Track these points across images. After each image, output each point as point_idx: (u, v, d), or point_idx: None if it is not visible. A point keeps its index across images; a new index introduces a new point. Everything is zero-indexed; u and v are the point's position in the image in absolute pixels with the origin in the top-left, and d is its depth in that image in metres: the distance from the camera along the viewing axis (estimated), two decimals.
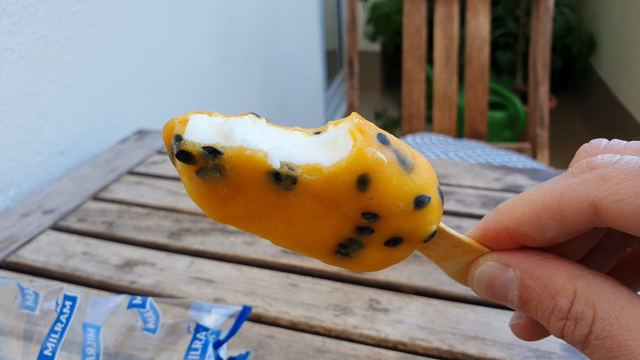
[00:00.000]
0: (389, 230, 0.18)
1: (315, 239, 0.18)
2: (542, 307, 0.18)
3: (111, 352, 0.34)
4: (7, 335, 0.33)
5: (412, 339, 0.36)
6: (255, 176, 0.17)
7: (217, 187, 0.17)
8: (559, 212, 0.18)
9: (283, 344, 0.36)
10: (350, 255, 0.19)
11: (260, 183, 0.17)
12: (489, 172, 0.59)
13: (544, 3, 1.05)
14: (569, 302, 0.17)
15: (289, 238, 0.18)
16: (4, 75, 0.56)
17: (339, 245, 0.19)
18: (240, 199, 0.17)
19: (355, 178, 0.17)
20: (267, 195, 0.17)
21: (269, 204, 0.18)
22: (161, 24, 0.84)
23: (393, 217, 0.18)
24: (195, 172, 0.17)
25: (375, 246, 0.19)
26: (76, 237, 0.49)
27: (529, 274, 0.18)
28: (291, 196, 0.17)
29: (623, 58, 2.17)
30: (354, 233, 0.18)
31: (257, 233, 0.19)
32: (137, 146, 0.69)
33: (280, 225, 0.18)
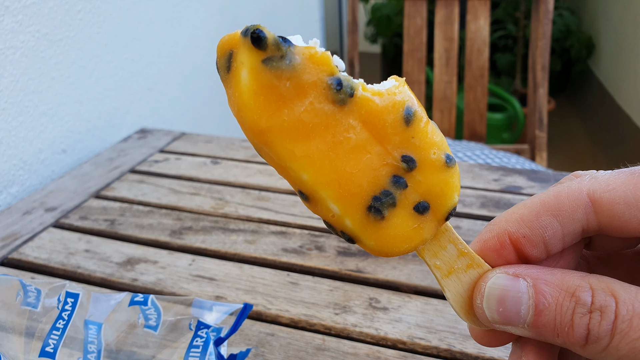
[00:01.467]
0: (420, 189, 0.19)
1: (354, 178, 0.18)
2: (563, 309, 0.17)
3: (112, 349, 0.34)
4: (9, 332, 0.34)
5: (411, 338, 0.36)
6: (320, 76, 0.17)
7: (281, 79, 0.17)
8: (557, 207, 0.18)
9: (283, 342, 0.36)
10: (382, 213, 0.18)
11: (321, 87, 0.17)
12: (488, 173, 0.59)
13: (543, 6, 1.06)
14: (590, 295, 0.17)
15: (329, 171, 0.18)
16: (7, 73, 0.56)
17: (374, 198, 0.18)
18: (298, 103, 0.17)
19: (403, 109, 0.18)
20: (323, 105, 0.17)
21: (322, 117, 0.17)
22: (164, 24, 0.85)
23: (427, 168, 0.19)
24: (261, 61, 0.16)
25: (405, 209, 0.19)
26: (78, 235, 0.49)
27: (542, 279, 0.18)
28: (345, 113, 0.17)
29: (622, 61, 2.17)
30: (390, 183, 0.18)
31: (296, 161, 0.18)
32: (139, 145, 0.69)
33: (324, 151, 0.18)
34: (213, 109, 1.06)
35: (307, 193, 0.18)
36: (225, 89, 0.18)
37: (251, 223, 0.51)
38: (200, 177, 0.60)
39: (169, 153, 0.67)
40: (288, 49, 0.17)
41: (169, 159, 0.65)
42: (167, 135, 0.72)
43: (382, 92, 0.18)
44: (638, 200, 0.18)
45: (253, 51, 0.16)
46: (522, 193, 0.54)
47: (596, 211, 0.18)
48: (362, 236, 0.19)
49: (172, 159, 0.65)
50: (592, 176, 0.19)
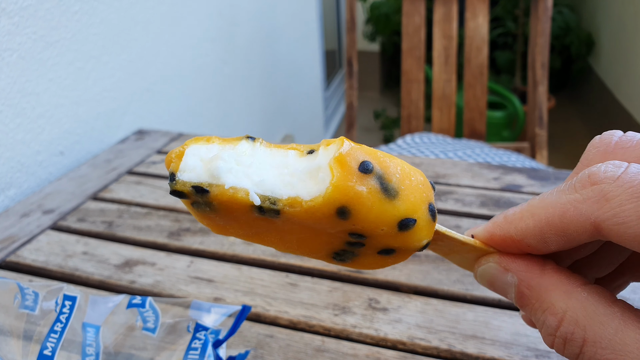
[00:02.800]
0: (379, 244, 0.19)
1: (310, 250, 0.20)
2: (535, 316, 0.18)
3: (111, 352, 0.34)
4: (6, 335, 0.33)
5: (411, 338, 0.36)
6: (241, 209, 0.18)
7: (211, 217, 0.19)
8: (561, 229, 0.18)
9: (282, 344, 0.36)
10: (346, 260, 0.20)
11: (247, 213, 0.19)
12: (488, 171, 0.59)
13: (542, 3, 1.05)
14: (557, 321, 0.17)
15: (287, 249, 0.21)
16: (4, 75, 0.56)
17: (334, 253, 0.20)
18: (234, 224, 0.19)
19: (334, 210, 0.18)
20: (257, 221, 0.19)
21: (261, 226, 0.19)
22: (161, 24, 0.84)
23: (379, 237, 0.19)
24: (191, 204, 0.19)
25: (369, 255, 0.20)
26: (76, 237, 0.49)
27: (526, 283, 0.19)
28: (279, 222, 0.19)
29: (622, 58, 2.17)
30: (345, 246, 0.19)
31: (258, 242, 0.21)
32: (136, 146, 0.69)
33: (276, 240, 0.20)
34: (210, 110, 1.06)
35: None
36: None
37: None
38: None
39: (167, 154, 0.66)
40: (204, 198, 0.19)
41: None
42: (164, 136, 0.72)
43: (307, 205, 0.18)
44: None
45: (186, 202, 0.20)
46: (522, 192, 0.54)
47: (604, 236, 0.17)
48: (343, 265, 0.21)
49: None
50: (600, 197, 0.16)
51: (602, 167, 0.17)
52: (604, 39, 2.44)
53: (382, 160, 0.18)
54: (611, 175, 0.16)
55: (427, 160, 0.63)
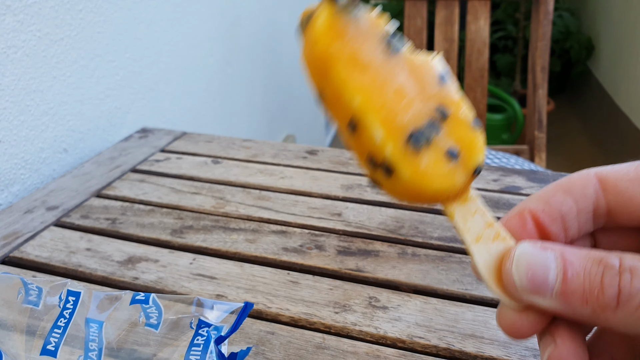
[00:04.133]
0: (452, 137, 0.21)
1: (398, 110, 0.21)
2: (591, 274, 0.18)
3: (114, 347, 0.34)
4: (10, 330, 0.34)
5: (411, 337, 0.36)
6: (377, 30, 0.22)
7: (349, 24, 0.21)
8: (569, 186, 0.21)
9: (283, 340, 0.36)
10: (419, 145, 0.21)
11: (377, 37, 0.21)
12: (488, 173, 0.59)
13: (543, 7, 1.06)
14: (618, 260, 0.17)
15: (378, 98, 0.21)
16: (8, 72, 0.56)
17: (412, 132, 0.21)
18: (359, 44, 0.21)
19: (440, 70, 0.22)
20: (378, 50, 0.21)
21: (377, 59, 0.21)
22: (165, 24, 0.85)
23: (457, 122, 0.21)
24: (337, 10, 0.21)
25: (438, 151, 0.21)
26: (79, 234, 0.50)
27: (568, 252, 0.18)
28: (394, 61, 0.21)
29: (621, 62, 2.18)
30: (426, 124, 0.21)
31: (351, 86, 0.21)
32: (140, 144, 0.69)
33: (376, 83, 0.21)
34: (214, 109, 1.06)
35: (356, 119, 0.21)
36: (302, 41, 0.22)
37: (252, 222, 0.51)
38: (201, 177, 0.60)
39: (170, 152, 0.67)
40: (357, 7, 0.21)
41: (170, 158, 0.65)
42: (168, 135, 0.72)
43: (423, 55, 0.22)
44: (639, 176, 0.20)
45: (331, 4, 0.21)
46: (522, 193, 0.55)
47: (604, 189, 0.20)
48: (400, 164, 0.20)
49: (173, 158, 0.65)
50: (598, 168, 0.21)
51: None
52: (603, 43, 2.44)
53: None
54: None
55: None
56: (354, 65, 0.21)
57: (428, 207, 0.53)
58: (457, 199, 0.21)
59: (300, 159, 0.64)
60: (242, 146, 0.68)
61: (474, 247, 0.21)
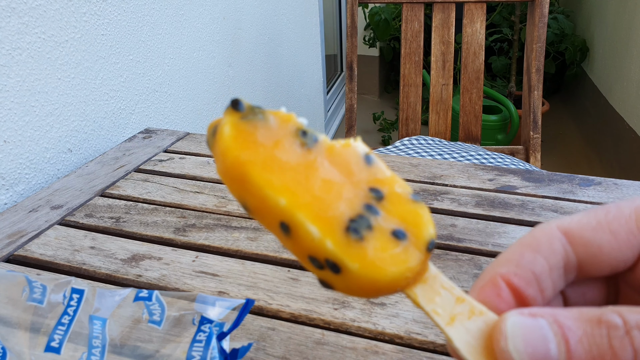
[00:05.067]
0: (393, 217, 0.20)
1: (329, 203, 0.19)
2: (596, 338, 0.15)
3: (117, 344, 0.35)
4: (14, 327, 0.34)
5: (408, 333, 0.37)
6: (288, 127, 0.20)
7: (257, 129, 0.20)
8: (536, 243, 0.19)
9: (284, 336, 0.37)
10: (360, 233, 0.19)
11: (289, 134, 0.20)
12: (483, 172, 0.60)
13: (538, 9, 1.07)
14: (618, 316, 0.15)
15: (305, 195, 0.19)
16: (14, 73, 0.57)
17: (350, 221, 0.19)
18: (271, 145, 0.20)
19: (363, 152, 0.21)
20: (294, 147, 0.20)
21: (294, 156, 0.20)
22: (168, 27, 0.86)
23: (395, 199, 0.20)
24: (240, 118, 0.20)
25: (383, 234, 0.19)
26: (84, 232, 0.50)
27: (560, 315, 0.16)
28: (314, 153, 0.20)
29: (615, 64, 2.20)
30: (363, 209, 0.19)
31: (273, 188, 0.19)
32: (144, 144, 0.70)
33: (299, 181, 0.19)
34: (216, 110, 1.07)
35: (287, 220, 0.19)
36: (212, 153, 0.21)
37: (253, 221, 0.52)
38: (204, 176, 0.61)
39: (173, 152, 0.68)
40: (261, 111, 0.20)
41: (173, 158, 0.66)
42: (171, 135, 0.73)
43: (341, 142, 0.21)
44: (602, 225, 0.18)
45: (233, 112, 0.20)
46: (517, 192, 0.56)
47: (570, 241, 0.19)
48: (346, 258, 0.18)
49: (176, 158, 0.66)
50: (556, 219, 0.20)
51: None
52: (598, 45, 2.46)
53: None
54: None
55: (424, 161, 0.64)
56: (271, 167, 0.19)
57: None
58: (418, 281, 0.19)
59: None
60: None
61: (450, 330, 0.19)
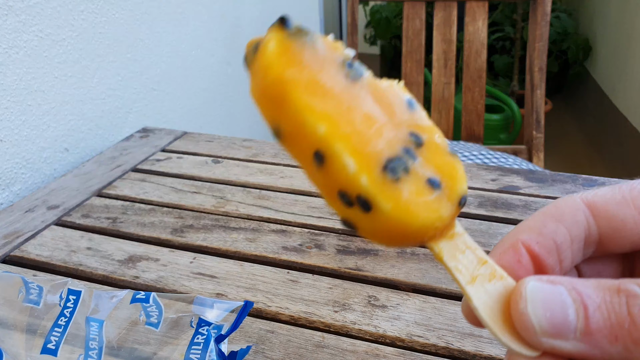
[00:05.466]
0: (430, 165, 0.19)
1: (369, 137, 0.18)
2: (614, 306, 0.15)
3: (114, 346, 0.35)
4: (10, 329, 0.34)
5: (410, 336, 0.37)
6: (334, 55, 0.19)
7: (303, 49, 0.18)
8: (559, 213, 0.19)
9: (283, 339, 0.37)
10: (397, 174, 0.18)
11: (335, 63, 0.19)
12: (486, 172, 0.60)
13: (541, 8, 1.07)
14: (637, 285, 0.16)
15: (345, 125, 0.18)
16: (10, 72, 0.56)
17: (388, 160, 0.18)
18: (316, 69, 0.18)
19: (407, 96, 0.20)
20: (338, 76, 0.19)
21: (338, 84, 0.18)
22: (166, 25, 0.85)
23: (433, 148, 0.19)
24: (287, 35, 0.18)
25: (418, 179, 0.18)
26: (80, 233, 0.50)
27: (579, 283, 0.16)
28: (357, 88, 0.19)
29: (618, 62, 2.19)
30: (402, 151, 0.18)
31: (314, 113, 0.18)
32: (141, 144, 0.70)
33: (340, 110, 0.18)
34: (214, 109, 1.07)
35: (323, 149, 0.18)
36: (250, 73, 0.19)
37: (252, 221, 0.51)
38: (202, 176, 0.61)
39: (171, 152, 0.67)
40: (309, 32, 0.19)
41: (171, 157, 0.66)
42: (169, 135, 0.72)
43: (385, 82, 0.20)
44: (627, 200, 0.19)
45: (281, 29, 0.18)
46: (520, 193, 0.55)
47: (593, 214, 0.19)
48: (379, 196, 0.17)
49: (174, 157, 0.66)
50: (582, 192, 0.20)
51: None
52: (600, 44, 2.45)
53: None
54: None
55: None
56: (315, 90, 0.18)
57: None
58: (444, 236, 0.19)
59: None
60: (243, 146, 0.68)
61: (470, 289, 0.18)
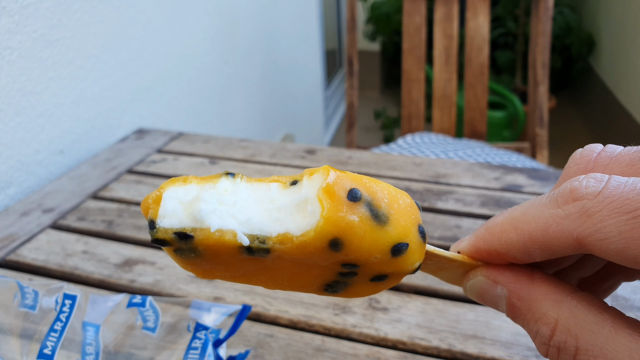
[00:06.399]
0: (372, 272, 0.19)
1: (301, 285, 0.20)
2: (528, 327, 0.18)
3: (111, 351, 0.34)
4: (6, 334, 0.33)
5: (412, 338, 0.36)
6: (229, 252, 0.18)
7: (196, 263, 0.18)
8: (544, 244, 0.18)
9: (282, 343, 0.36)
10: (338, 291, 0.20)
11: (236, 255, 0.18)
12: (489, 171, 0.59)
13: (543, 3, 1.05)
14: (550, 331, 0.17)
15: (277, 286, 0.20)
16: (4, 74, 0.56)
17: (326, 285, 0.20)
18: (221, 267, 0.18)
19: (327, 243, 0.17)
20: (246, 262, 0.18)
21: (249, 266, 0.18)
22: (161, 23, 0.84)
23: (372, 265, 0.18)
24: (174, 251, 0.18)
25: (361, 283, 0.19)
26: (76, 236, 0.49)
27: (516, 294, 0.19)
28: (269, 260, 0.18)
29: (622, 58, 2.17)
30: (338, 277, 0.19)
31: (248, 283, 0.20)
32: (136, 145, 0.69)
33: (265, 279, 0.19)
34: (211, 109, 1.06)
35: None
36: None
37: None
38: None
39: (167, 153, 0.66)
40: (189, 244, 0.18)
41: (167, 159, 0.65)
42: (164, 135, 0.72)
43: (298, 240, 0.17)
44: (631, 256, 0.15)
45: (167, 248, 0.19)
46: (523, 192, 0.54)
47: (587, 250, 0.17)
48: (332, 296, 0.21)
49: (170, 159, 0.65)
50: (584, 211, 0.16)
51: (584, 182, 0.17)
52: (604, 39, 2.44)
53: (369, 187, 0.18)
54: (592, 190, 0.16)
55: (427, 160, 0.63)
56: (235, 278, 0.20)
57: (428, 207, 0.52)
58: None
59: (298, 158, 0.64)
60: (240, 146, 0.67)
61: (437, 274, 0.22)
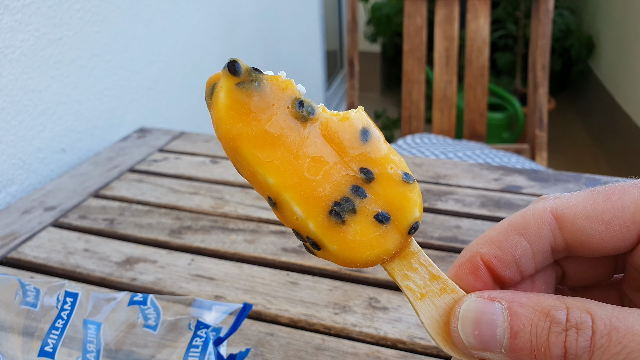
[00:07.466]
0: (380, 200, 0.20)
1: (316, 184, 0.20)
2: (538, 329, 0.17)
3: (112, 349, 0.34)
4: (7, 331, 0.34)
5: (411, 338, 0.36)
6: (283, 97, 0.20)
7: (251, 98, 0.19)
8: (523, 226, 0.19)
9: (283, 342, 0.36)
10: (342, 217, 0.20)
11: (284, 105, 0.20)
12: (488, 172, 0.59)
13: (543, 5, 1.06)
14: (565, 313, 0.17)
15: (292, 175, 0.19)
16: (6, 72, 0.56)
17: (334, 203, 0.20)
18: (264, 117, 0.19)
19: (360, 127, 0.20)
20: (287, 120, 0.20)
21: (286, 130, 0.20)
22: (163, 23, 0.85)
23: (385, 181, 0.20)
24: (236, 84, 0.19)
25: (365, 217, 0.20)
26: (77, 234, 0.49)
27: (517, 302, 0.18)
28: (307, 129, 0.20)
29: (622, 60, 2.17)
30: (349, 191, 0.20)
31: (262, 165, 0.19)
32: (138, 144, 0.69)
33: (288, 158, 0.20)
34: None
35: (274, 197, 0.20)
36: (210, 112, 0.21)
37: (250, 222, 0.51)
38: (200, 177, 0.60)
39: (168, 152, 0.67)
40: (258, 75, 0.20)
41: (168, 158, 0.65)
42: (166, 135, 0.72)
43: (340, 114, 0.20)
44: (597, 214, 0.19)
45: (230, 77, 0.20)
46: (522, 192, 0.54)
47: (560, 227, 0.19)
48: (325, 240, 0.20)
49: (172, 158, 0.65)
50: (556, 197, 0.20)
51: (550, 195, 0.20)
52: (604, 41, 2.44)
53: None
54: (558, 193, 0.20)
55: (427, 160, 0.63)
56: (263, 142, 0.19)
57: (428, 207, 0.52)
58: (397, 257, 0.21)
59: None
60: None
61: (419, 305, 0.20)
